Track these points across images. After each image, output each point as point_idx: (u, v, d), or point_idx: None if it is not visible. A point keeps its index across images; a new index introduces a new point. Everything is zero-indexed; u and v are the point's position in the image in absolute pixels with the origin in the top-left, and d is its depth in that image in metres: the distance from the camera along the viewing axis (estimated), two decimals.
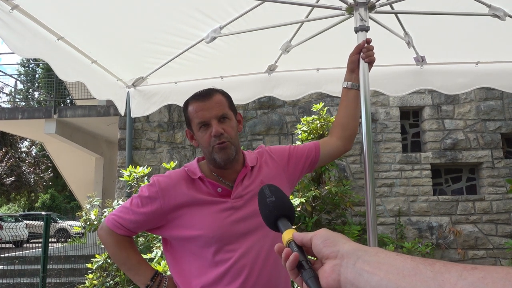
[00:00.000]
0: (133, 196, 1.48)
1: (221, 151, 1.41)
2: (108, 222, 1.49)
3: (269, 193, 0.86)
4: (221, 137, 1.41)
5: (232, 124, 1.47)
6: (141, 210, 1.43)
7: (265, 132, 7.62)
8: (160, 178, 1.46)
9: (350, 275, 0.60)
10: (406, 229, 7.05)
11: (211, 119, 1.42)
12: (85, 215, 4.95)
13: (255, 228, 1.42)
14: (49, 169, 24.04)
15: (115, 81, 2.61)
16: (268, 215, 0.83)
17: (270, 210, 0.83)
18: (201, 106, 1.43)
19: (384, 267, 0.57)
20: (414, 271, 0.53)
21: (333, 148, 1.69)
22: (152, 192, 1.43)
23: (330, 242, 0.67)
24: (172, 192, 1.42)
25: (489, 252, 6.96)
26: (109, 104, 9.96)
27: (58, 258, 9.23)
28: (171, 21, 2.15)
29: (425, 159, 7.27)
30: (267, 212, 0.83)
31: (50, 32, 1.93)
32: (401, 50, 2.45)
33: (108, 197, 8.88)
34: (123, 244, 1.51)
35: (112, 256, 1.54)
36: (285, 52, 2.46)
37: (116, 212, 1.49)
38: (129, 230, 1.48)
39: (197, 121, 1.44)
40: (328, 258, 0.65)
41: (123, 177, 4.94)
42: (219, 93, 1.49)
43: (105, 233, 1.51)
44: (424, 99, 7.46)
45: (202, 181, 1.45)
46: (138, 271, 1.51)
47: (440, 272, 0.50)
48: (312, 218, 5.50)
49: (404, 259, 0.56)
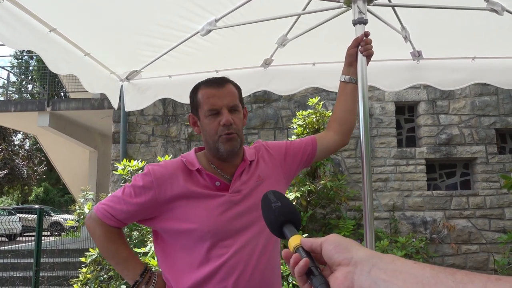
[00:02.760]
0: (125, 185, 1.41)
1: (228, 142, 1.38)
2: (97, 211, 1.41)
3: (274, 199, 0.83)
4: (230, 127, 1.38)
5: (241, 117, 1.45)
6: (133, 200, 1.36)
7: (260, 126, 7.60)
8: (155, 167, 1.40)
9: (364, 284, 0.57)
10: (400, 224, 7.08)
11: (222, 107, 1.38)
12: (79, 208, 4.92)
13: (251, 224, 1.39)
14: (42, 163, 23.89)
15: (109, 74, 2.57)
16: (274, 220, 0.79)
17: (276, 215, 0.79)
18: (214, 93, 1.40)
19: (401, 276, 0.54)
20: (435, 280, 0.50)
21: (330, 142, 1.67)
22: (147, 182, 1.36)
23: (343, 248, 0.64)
24: (167, 182, 1.37)
25: (482, 246, 7.01)
26: (103, 97, 9.89)
27: (51, 252, 9.20)
28: (166, 14, 2.11)
29: (420, 154, 7.29)
30: (273, 217, 0.80)
31: (42, 23, 1.89)
32: (397, 45, 2.43)
33: (102, 191, 8.85)
34: (112, 235, 1.44)
35: (100, 248, 1.47)
36: (281, 45, 2.43)
37: (106, 201, 1.42)
38: (120, 221, 1.41)
39: (207, 108, 1.40)
40: (340, 265, 0.62)
41: (117, 171, 4.92)
42: (232, 84, 1.47)
43: (93, 223, 1.43)
44: (420, 94, 7.46)
45: (200, 173, 1.40)
46: (127, 266, 1.45)
47: (462, 283, 0.48)
48: (307, 212, 5.51)
49: (423, 268, 0.53)
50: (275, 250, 1.46)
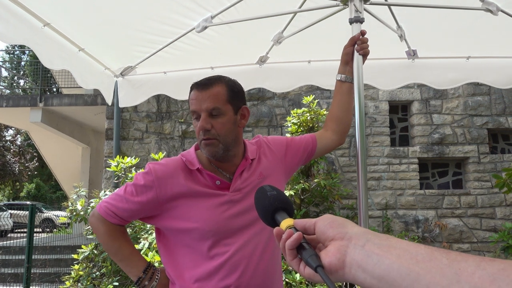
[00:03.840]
0: (127, 183, 1.42)
1: (206, 147, 1.37)
2: (100, 209, 1.43)
3: (270, 189, 0.83)
4: (206, 133, 1.36)
5: (224, 120, 1.38)
6: (135, 199, 1.37)
7: (254, 124, 7.59)
8: (156, 166, 1.40)
9: (357, 257, 0.58)
10: (392, 222, 7.12)
11: (200, 111, 1.37)
12: (71, 205, 4.88)
13: (253, 222, 1.39)
14: (34, 158, 23.72)
15: (103, 69, 2.55)
16: (268, 206, 0.79)
17: (270, 201, 0.79)
18: (196, 96, 1.38)
19: (395, 251, 0.54)
20: (429, 257, 0.51)
21: (328, 141, 1.68)
22: (148, 181, 1.37)
23: (338, 224, 0.64)
24: (168, 181, 1.37)
25: (474, 245, 7.07)
26: (96, 93, 9.82)
27: (43, 249, 9.14)
28: (162, 10, 2.10)
29: (413, 153, 7.33)
30: (267, 203, 0.79)
31: (36, 18, 1.87)
32: (393, 44, 2.43)
33: (94, 187, 8.80)
34: (115, 233, 1.45)
35: (103, 245, 1.48)
36: (277, 43, 2.43)
37: (109, 200, 1.44)
38: (122, 219, 1.42)
39: (190, 109, 1.40)
40: (334, 239, 0.62)
41: (111, 167, 4.89)
42: (221, 84, 1.40)
43: (96, 221, 1.45)
44: (413, 93, 7.50)
45: (200, 173, 1.40)
46: (130, 262, 1.46)
47: (456, 261, 0.49)
48: (300, 210, 5.52)
49: (417, 246, 0.54)
50: (277, 248, 1.47)
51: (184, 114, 7.70)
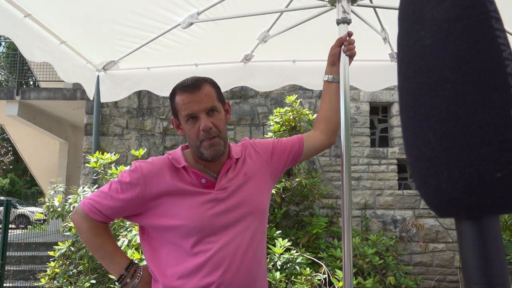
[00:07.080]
0: (112, 180, 1.42)
1: (210, 148, 1.38)
2: (84, 206, 1.43)
3: None
4: (210, 132, 1.37)
5: (221, 117, 1.43)
6: (120, 196, 1.37)
7: (236, 123, 7.58)
8: (142, 164, 1.41)
9: None
10: (371, 222, 7.22)
11: (199, 112, 1.37)
12: (48, 201, 4.78)
13: (237, 221, 1.40)
14: (9, 153, 23.13)
15: (85, 63, 2.50)
16: None
17: None
18: (190, 98, 1.38)
19: None
20: None
21: (317, 142, 1.69)
22: (133, 178, 1.37)
23: None
24: (154, 179, 1.38)
25: (449, 245, 7.23)
26: (75, 88, 9.63)
27: (18, 245, 8.92)
28: (147, 4, 2.07)
29: (392, 154, 7.44)
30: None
31: (17, 8, 1.82)
32: (377, 46, 2.46)
33: (72, 184, 8.63)
34: (98, 230, 1.45)
35: (86, 242, 1.48)
36: (262, 42, 2.43)
37: (93, 197, 1.43)
38: (106, 216, 1.42)
39: (184, 113, 1.39)
40: None
41: (90, 163, 4.80)
42: (208, 84, 1.43)
43: (80, 218, 1.44)
44: (394, 95, 7.61)
45: (186, 171, 1.41)
46: (112, 260, 1.46)
47: None
48: (281, 209, 5.54)
49: None
50: (260, 246, 1.48)
51: (166, 111, 7.62)
